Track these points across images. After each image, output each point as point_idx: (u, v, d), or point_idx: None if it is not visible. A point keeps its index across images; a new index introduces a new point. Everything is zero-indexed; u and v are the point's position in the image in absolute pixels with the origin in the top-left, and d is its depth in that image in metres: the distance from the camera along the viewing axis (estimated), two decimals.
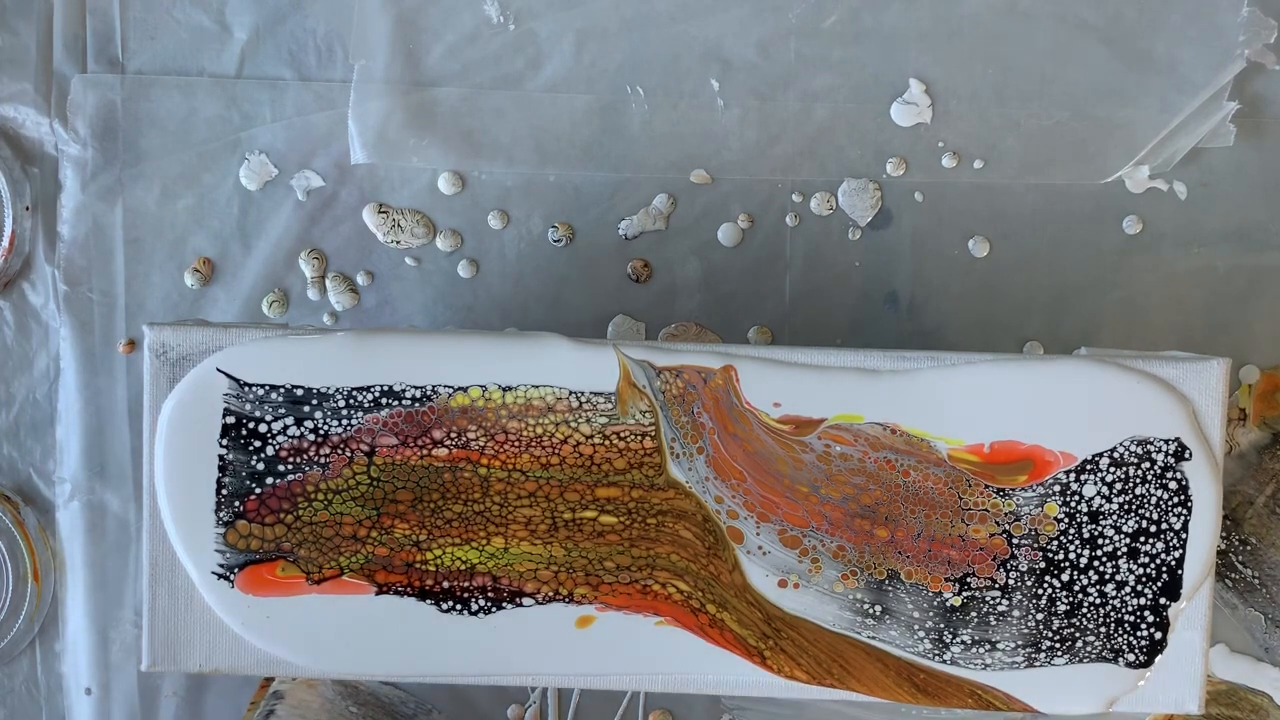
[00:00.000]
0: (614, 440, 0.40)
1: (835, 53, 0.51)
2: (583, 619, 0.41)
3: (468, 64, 0.51)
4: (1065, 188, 0.51)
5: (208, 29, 0.51)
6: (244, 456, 0.40)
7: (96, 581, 0.52)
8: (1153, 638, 0.41)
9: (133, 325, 0.52)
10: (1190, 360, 0.40)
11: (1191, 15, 0.51)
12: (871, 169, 0.51)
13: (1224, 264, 0.51)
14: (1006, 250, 0.51)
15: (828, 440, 0.40)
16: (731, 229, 0.51)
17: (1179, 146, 0.51)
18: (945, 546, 0.40)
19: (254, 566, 0.40)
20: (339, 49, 0.51)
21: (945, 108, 0.51)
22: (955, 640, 0.41)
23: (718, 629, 0.41)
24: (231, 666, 0.41)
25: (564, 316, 0.52)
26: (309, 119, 0.51)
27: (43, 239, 0.52)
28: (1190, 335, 0.51)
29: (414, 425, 0.40)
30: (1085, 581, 0.40)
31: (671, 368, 0.40)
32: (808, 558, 0.40)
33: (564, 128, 0.51)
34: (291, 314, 0.52)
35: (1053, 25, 0.51)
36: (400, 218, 0.52)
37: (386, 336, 0.41)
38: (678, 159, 0.51)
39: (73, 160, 0.51)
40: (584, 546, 0.40)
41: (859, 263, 0.52)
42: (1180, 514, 0.40)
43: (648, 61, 0.51)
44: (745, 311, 0.52)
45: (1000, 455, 0.40)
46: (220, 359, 0.40)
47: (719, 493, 0.40)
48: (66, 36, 0.51)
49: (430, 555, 0.40)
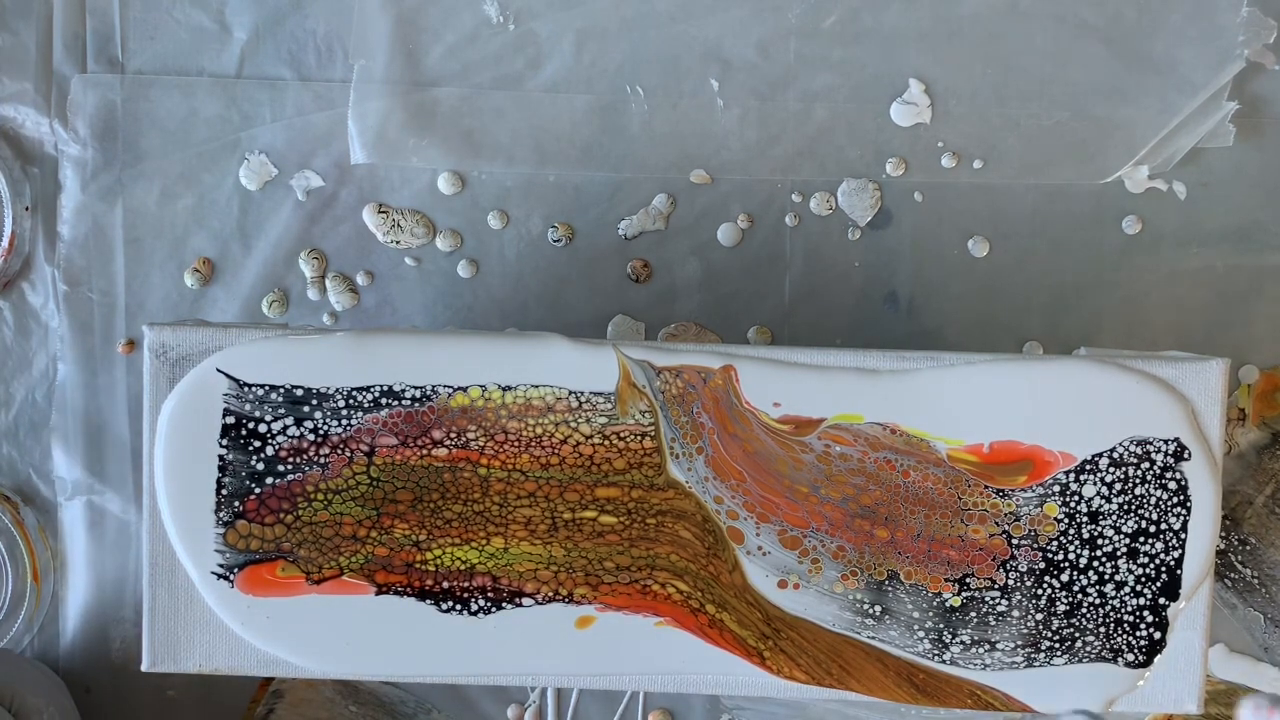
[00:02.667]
0: (614, 440, 0.40)
1: (835, 53, 0.51)
2: (582, 619, 0.41)
3: (468, 64, 0.51)
4: (1065, 188, 0.51)
5: (208, 29, 0.51)
6: (244, 456, 0.40)
7: (96, 581, 0.52)
8: (1152, 638, 0.41)
9: (133, 325, 0.52)
10: (1190, 360, 0.40)
11: (1191, 15, 0.51)
12: (871, 169, 0.51)
13: (1224, 264, 0.51)
14: (1006, 250, 0.51)
15: (827, 440, 0.40)
16: (731, 229, 0.51)
17: (1179, 146, 0.51)
18: (945, 547, 0.40)
19: (254, 566, 0.40)
20: (339, 49, 0.51)
21: (945, 108, 0.51)
22: (955, 640, 0.41)
23: (717, 629, 0.41)
24: (231, 666, 0.41)
25: (564, 316, 0.52)
26: (309, 119, 0.51)
27: (43, 239, 0.52)
28: (1190, 335, 0.51)
29: (414, 425, 0.40)
30: (1085, 581, 0.40)
31: (671, 368, 0.40)
32: (808, 558, 0.40)
33: (564, 128, 0.51)
34: (291, 314, 0.52)
35: (1053, 25, 0.51)
36: (400, 218, 0.52)
37: (386, 336, 0.41)
38: (678, 159, 0.51)
39: (73, 160, 0.51)
40: (584, 546, 0.40)
41: (859, 263, 0.52)
42: (1179, 514, 0.40)
43: (648, 61, 0.51)
44: (745, 311, 0.52)
45: (1000, 455, 0.40)
46: (220, 359, 0.40)
47: (718, 493, 0.40)
48: (66, 36, 0.51)
49: (430, 555, 0.40)
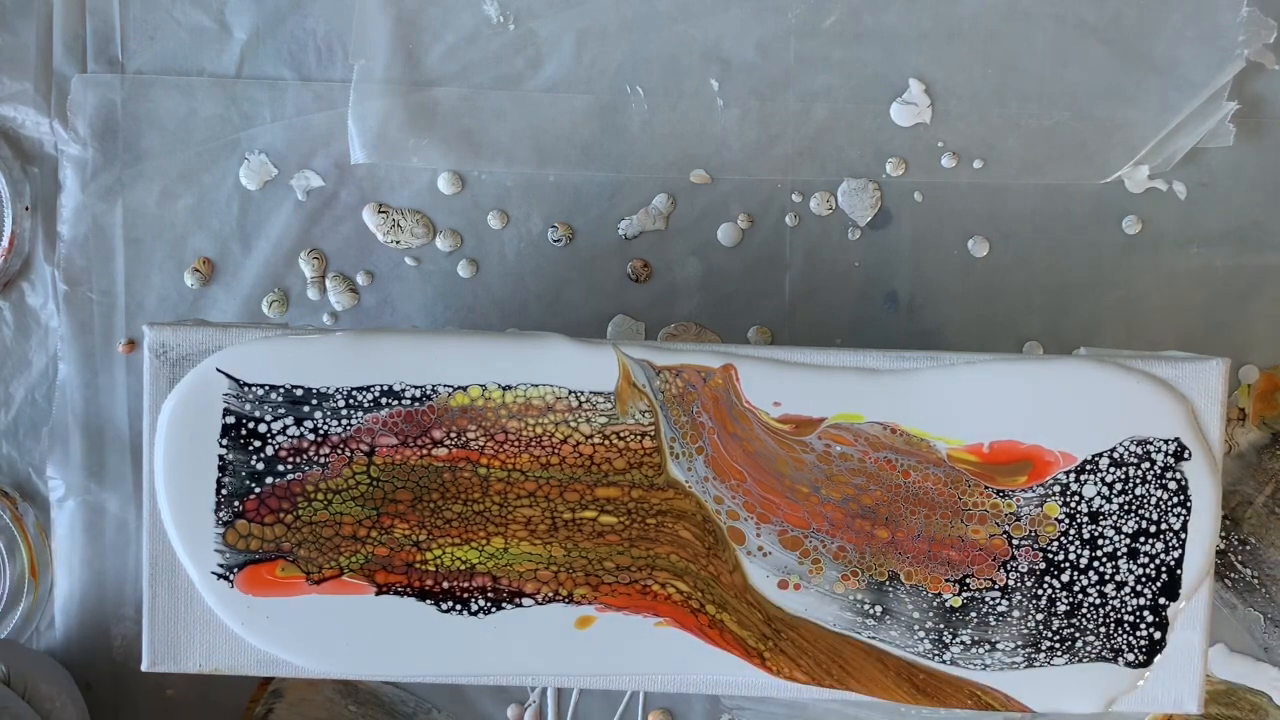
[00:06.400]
0: (614, 440, 0.40)
1: (835, 53, 0.51)
2: (582, 619, 0.41)
3: (467, 64, 0.51)
4: (1065, 188, 0.51)
5: (208, 29, 0.51)
6: (244, 456, 0.40)
7: (96, 581, 0.52)
8: (1152, 637, 0.41)
9: (133, 325, 0.52)
10: (1189, 360, 0.40)
11: (1191, 15, 0.51)
12: (871, 169, 0.51)
13: (1223, 264, 0.51)
14: (1006, 250, 0.51)
15: (828, 440, 0.40)
16: (731, 229, 0.51)
17: (1179, 146, 0.51)
18: (945, 547, 0.40)
19: (254, 566, 0.40)
20: (339, 49, 0.51)
21: (945, 108, 0.51)
22: (955, 640, 0.41)
23: (717, 630, 0.41)
24: (231, 666, 0.41)
25: (564, 316, 0.52)
26: (309, 119, 0.51)
27: (43, 239, 0.52)
28: (1190, 335, 0.51)
29: (414, 425, 0.40)
30: (1085, 582, 0.40)
31: (671, 367, 0.40)
32: (809, 559, 0.40)
33: (564, 128, 0.51)
34: (291, 314, 0.52)
35: (1053, 25, 0.51)
36: (400, 218, 0.52)
37: (386, 336, 0.41)
38: (677, 159, 0.51)
39: (73, 160, 0.51)
40: (584, 547, 0.40)
41: (859, 263, 0.52)
42: (1180, 514, 0.40)
43: (648, 61, 0.51)
44: (745, 311, 0.52)
45: (1000, 455, 0.40)
46: (220, 359, 0.40)
47: (718, 493, 0.40)
48: (66, 36, 0.51)
49: (430, 555, 0.40)
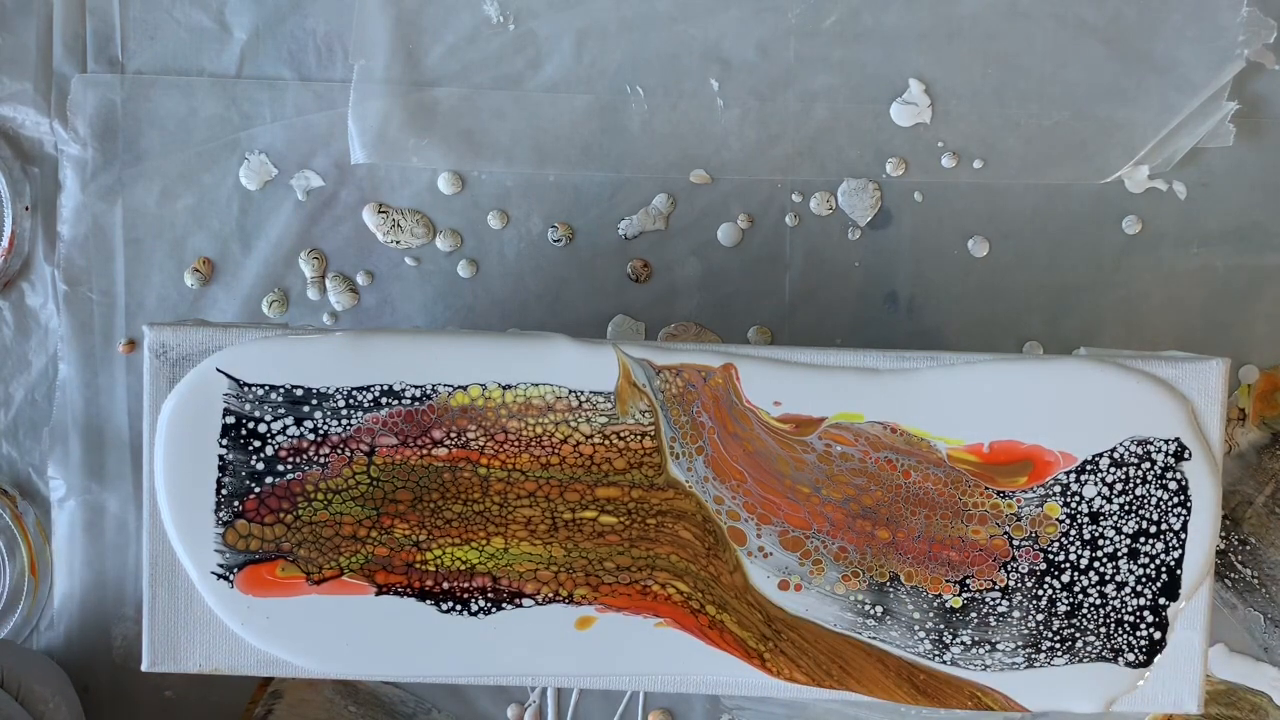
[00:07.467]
0: (614, 440, 0.40)
1: (835, 53, 0.51)
2: (582, 620, 0.41)
3: (467, 64, 0.51)
4: (1065, 188, 0.51)
5: (208, 29, 0.51)
6: (244, 456, 0.40)
7: (96, 581, 0.52)
8: (1152, 638, 0.41)
9: (133, 325, 0.52)
10: (1190, 360, 0.40)
11: (1191, 15, 0.51)
12: (871, 169, 0.51)
13: (1224, 264, 0.51)
14: (1006, 250, 0.51)
15: (828, 440, 0.40)
16: (731, 229, 0.51)
17: (1179, 146, 0.51)
18: (946, 548, 0.40)
19: (254, 566, 0.40)
20: (339, 49, 0.51)
21: (945, 108, 0.51)
22: (955, 641, 0.41)
23: (717, 630, 0.41)
24: (231, 666, 0.41)
25: (564, 316, 0.52)
26: (309, 119, 0.51)
27: (43, 239, 0.52)
28: (1190, 335, 0.51)
29: (414, 425, 0.40)
30: (1085, 582, 0.40)
31: (671, 367, 0.40)
32: (810, 559, 0.40)
33: (564, 128, 0.51)
34: (291, 314, 0.52)
35: (1053, 25, 0.51)
36: (400, 218, 0.52)
37: (386, 336, 0.41)
38: (677, 159, 0.51)
39: (73, 160, 0.51)
40: (584, 547, 0.40)
41: (859, 263, 0.52)
42: (1180, 514, 0.40)
43: (648, 61, 0.51)
44: (745, 311, 0.52)
45: (1000, 455, 0.40)
46: (220, 359, 0.40)
47: (719, 493, 0.40)
48: (66, 36, 0.51)
49: (430, 555, 0.40)
